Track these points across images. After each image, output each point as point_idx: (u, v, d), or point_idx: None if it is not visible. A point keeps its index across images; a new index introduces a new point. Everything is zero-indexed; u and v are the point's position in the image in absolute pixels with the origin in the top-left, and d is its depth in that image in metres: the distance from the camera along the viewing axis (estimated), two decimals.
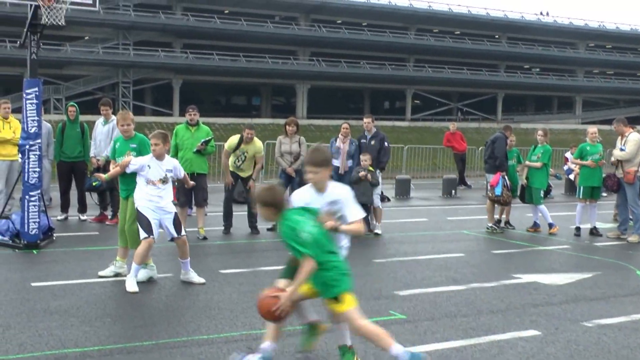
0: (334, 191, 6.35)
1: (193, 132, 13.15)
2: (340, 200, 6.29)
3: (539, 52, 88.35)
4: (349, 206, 6.28)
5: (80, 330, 7.03)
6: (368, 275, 10.14)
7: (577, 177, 17.15)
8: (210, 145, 13.16)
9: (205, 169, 13.29)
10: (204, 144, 12.95)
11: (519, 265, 11.36)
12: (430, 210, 18.91)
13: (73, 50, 66.06)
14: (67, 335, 6.86)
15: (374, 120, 14.90)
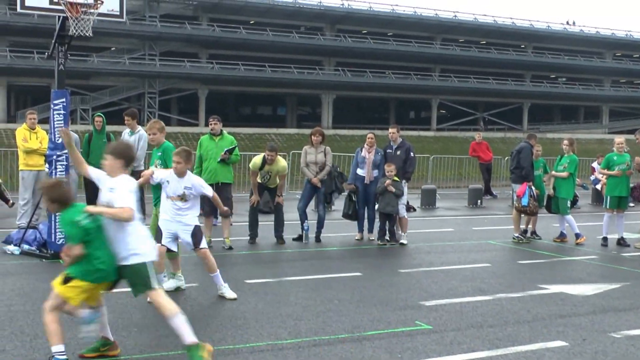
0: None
1: (217, 142, 13.13)
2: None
3: (565, 62, 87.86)
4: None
5: None
6: (394, 286, 10.11)
7: (604, 187, 17.01)
8: (235, 154, 13.12)
9: (230, 179, 13.25)
10: (228, 153, 12.93)
11: (546, 276, 11.28)
12: (456, 220, 18.83)
13: (100, 61, 66.64)
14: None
15: (399, 130, 14.88)
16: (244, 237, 13.98)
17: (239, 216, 16.95)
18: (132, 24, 66.14)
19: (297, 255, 12.77)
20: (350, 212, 14.53)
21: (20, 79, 66.32)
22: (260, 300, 9.00)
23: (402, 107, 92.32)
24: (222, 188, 12.84)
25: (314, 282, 10.18)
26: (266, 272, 10.86)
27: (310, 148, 14.22)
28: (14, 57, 63.49)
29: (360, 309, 8.67)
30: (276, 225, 13.95)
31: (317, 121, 77.27)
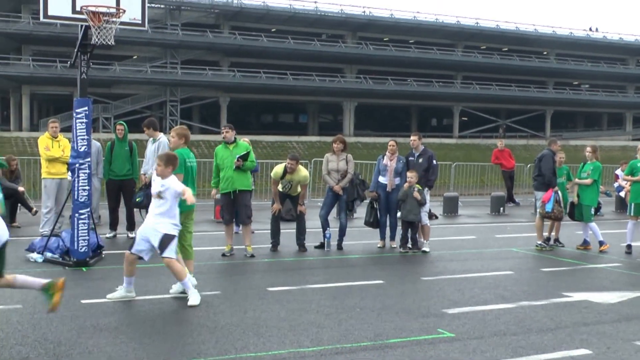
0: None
1: (232, 150, 12.98)
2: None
3: (588, 69, 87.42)
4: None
5: (130, 347, 7.11)
6: (416, 293, 10.09)
7: (627, 194, 16.88)
8: (250, 160, 12.99)
9: (247, 186, 13.12)
10: (241, 160, 12.82)
11: (569, 283, 11.21)
12: (479, 228, 18.76)
13: (121, 70, 67.10)
14: (117, 352, 6.94)
15: (421, 137, 14.87)
16: (265, 245, 14.00)
17: (260, 224, 16.99)
18: (154, 32, 66.56)
19: (319, 262, 12.77)
20: (372, 220, 14.52)
21: (42, 87, 66.93)
22: (283, 308, 9.00)
23: (423, 115, 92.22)
24: (240, 195, 12.86)
25: (336, 289, 10.17)
26: (288, 280, 10.87)
27: (332, 156, 14.22)
28: (36, 66, 64.07)
29: (383, 316, 8.65)
30: (298, 233, 13.98)
31: (339, 129, 77.34)
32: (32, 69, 63.84)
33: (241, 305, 9.08)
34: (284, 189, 13.76)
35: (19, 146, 55.17)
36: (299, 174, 13.69)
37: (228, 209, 13.01)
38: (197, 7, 72.64)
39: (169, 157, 9.25)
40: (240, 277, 10.73)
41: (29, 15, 63.24)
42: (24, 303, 8.94)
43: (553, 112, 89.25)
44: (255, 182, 17.70)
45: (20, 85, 66.56)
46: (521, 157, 45.57)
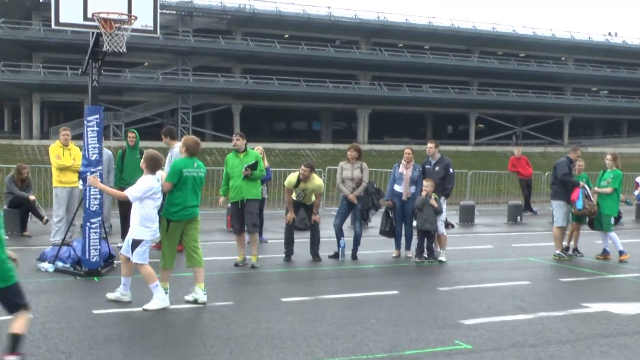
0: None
1: (242, 159, 13.00)
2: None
3: (607, 74, 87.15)
4: None
5: (142, 358, 7.14)
6: (432, 304, 10.08)
7: None
8: (259, 169, 13.00)
9: (256, 195, 13.07)
10: (249, 169, 12.81)
11: (589, 294, 11.17)
12: (495, 237, 18.72)
13: (132, 77, 67.42)
14: None
15: (438, 145, 14.84)
16: (279, 255, 14.02)
17: (273, 233, 17.01)
18: (166, 39, 66.85)
19: (333, 273, 12.78)
20: (387, 229, 14.51)
21: (53, 95, 67.32)
22: (296, 318, 9.01)
23: (439, 122, 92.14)
24: (248, 204, 12.86)
25: (350, 300, 10.17)
26: (302, 290, 10.88)
27: (346, 164, 14.24)
28: (47, 74, 64.44)
29: (398, 327, 8.65)
30: (312, 243, 13.99)
31: (353, 136, 77.38)
32: (43, 76, 64.22)
33: (254, 316, 9.10)
34: (298, 197, 13.78)
35: (30, 154, 55.48)
36: (313, 183, 13.71)
37: (237, 218, 13.02)
38: (209, 12, 72.93)
39: (145, 157, 9.60)
40: (253, 288, 10.74)
41: (40, 22, 63.63)
42: (35, 313, 8.98)
43: (571, 118, 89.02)
44: (268, 191, 17.73)
45: (30, 93, 66.99)
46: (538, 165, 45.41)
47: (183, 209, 9.75)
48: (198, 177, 10.03)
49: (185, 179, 9.82)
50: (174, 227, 9.81)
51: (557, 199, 14.99)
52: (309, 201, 13.88)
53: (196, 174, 10.00)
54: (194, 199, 9.94)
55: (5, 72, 63.12)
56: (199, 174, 10.06)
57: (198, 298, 9.70)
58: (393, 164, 15.05)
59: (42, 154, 52.21)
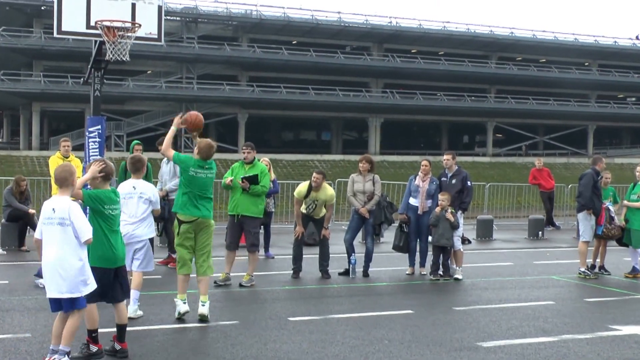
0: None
1: (247, 171, 12.85)
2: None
3: (634, 80, 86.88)
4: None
5: None
6: (448, 325, 10.02)
7: None
8: (262, 184, 12.70)
9: (254, 212, 12.74)
10: (246, 181, 12.53)
11: (617, 315, 11.08)
12: (515, 254, 18.65)
13: (135, 85, 67.64)
14: None
15: (455, 157, 14.79)
16: (286, 272, 13.99)
17: (280, 249, 17.00)
18: (169, 46, 67.07)
19: (343, 290, 12.73)
20: (401, 244, 14.46)
21: (53, 104, 67.61)
22: (305, 339, 8.97)
23: (455, 131, 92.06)
24: (247, 222, 12.64)
25: (361, 320, 10.12)
26: (311, 309, 10.84)
27: (357, 176, 14.21)
28: (47, 83, 64.74)
29: (412, 349, 8.60)
30: (321, 259, 13.94)
31: (364, 147, 77.37)
32: (43, 85, 64.50)
33: (261, 336, 9.06)
34: (308, 210, 13.73)
35: (29, 166, 55.68)
36: (325, 192, 13.68)
37: (232, 232, 12.79)
38: (214, 19, 73.19)
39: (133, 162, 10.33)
40: (259, 306, 10.70)
41: (41, 30, 63.95)
42: (32, 332, 8.98)
43: (596, 127, 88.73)
44: (276, 204, 17.71)
45: (30, 102, 67.28)
46: (561, 177, 45.32)
47: (185, 206, 9.94)
48: (208, 179, 10.09)
49: (191, 178, 9.95)
50: (184, 229, 9.94)
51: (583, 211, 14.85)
52: (319, 214, 13.83)
53: (205, 176, 10.04)
54: (203, 200, 10.00)
55: (5, 81, 63.43)
56: (209, 176, 10.11)
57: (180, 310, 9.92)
58: (406, 175, 15.03)
59: (42, 165, 52.42)
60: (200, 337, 8.98)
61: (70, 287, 7.26)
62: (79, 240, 7.27)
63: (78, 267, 7.29)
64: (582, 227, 14.90)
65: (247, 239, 12.78)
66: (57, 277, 7.24)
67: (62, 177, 7.48)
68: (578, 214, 15.28)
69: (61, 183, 7.48)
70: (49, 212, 7.33)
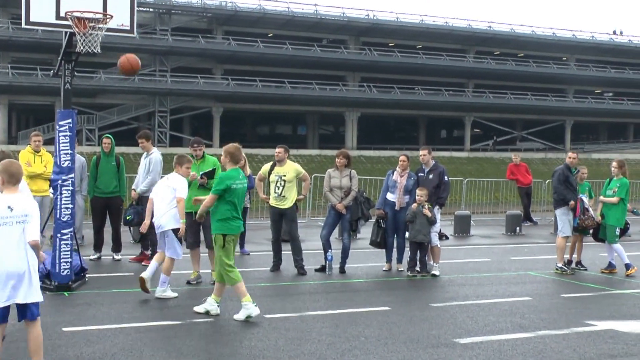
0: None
1: (198, 165, 12.84)
2: None
3: (612, 75, 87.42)
4: None
5: None
6: (425, 321, 10.07)
7: None
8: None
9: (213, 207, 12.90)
10: (204, 177, 12.53)
11: (593, 311, 11.19)
12: (493, 250, 18.75)
13: (107, 78, 67.14)
14: None
15: (431, 152, 14.84)
16: (262, 268, 14.01)
17: (255, 245, 17.01)
18: (142, 38, 66.69)
19: (320, 287, 12.75)
20: (378, 240, 14.49)
21: (22, 97, 66.98)
22: (281, 336, 8.99)
23: (432, 126, 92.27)
24: (205, 218, 12.64)
25: (338, 317, 10.16)
26: (287, 306, 10.87)
27: (334, 171, 14.23)
28: (15, 75, 64.16)
29: (389, 346, 8.64)
30: (294, 255, 13.94)
31: (341, 141, 77.40)
32: (11, 77, 63.88)
33: (236, 334, 9.08)
34: (277, 189, 13.74)
35: None
36: (290, 167, 13.85)
37: (191, 230, 12.56)
38: (188, 10, 72.88)
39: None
40: (234, 304, 10.69)
41: (8, 20, 63.32)
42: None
43: (573, 122, 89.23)
44: (251, 200, 17.70)
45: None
46: (539, 172, 45.58)
47: (236, 220, 10.08)
48: (242, 189, 10.25)
49: (233, 191, 10.00)
50: (230, 241, 10.05)
51: (559, 206, 15.00)
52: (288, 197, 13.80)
53: (242, 186, 10.19)
54: (237, 211, 10.17)
55: None
56: (243, 186, 10.25)
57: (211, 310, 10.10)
58: (383, 170, 15.08)
59: None
60: (174, 335, 8.97)
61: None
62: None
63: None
64: (561, 223, 15.02)
65: (209, 235, 12.56)
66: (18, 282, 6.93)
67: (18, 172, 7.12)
68: (556, 210, 15.43)
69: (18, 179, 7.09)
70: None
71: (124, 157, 15.49)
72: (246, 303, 9.81)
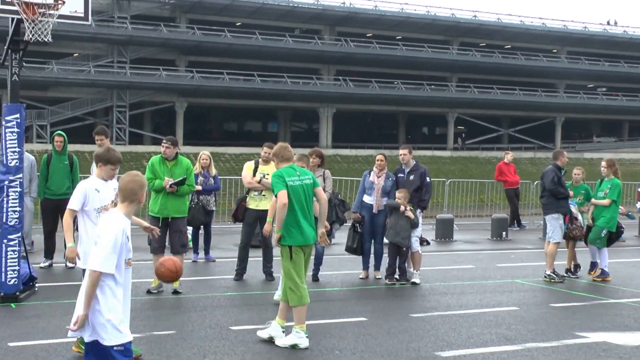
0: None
1: (170, 168, 12.71)
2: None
3: (605, 69, 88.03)
4: None
5: None
6: (404, 333, 10.08)
7: None
8: (188, 183, 12.68)
9: (183, 212, 12.84)
10: (174, 186, 12.46)
11: (584, 321, 11.25)
12: (477, 256, 18.81)
13: (60, 69, 66.80)
14: None
15: (412, 151, 14.85)
16: (228, 276, 13.96)
17: (222, 251, 16.96)
18: (98, 26, 66.40)
19: None
20: (354, 246, 14.48)
21: None
22: (248, 350, 8.98)
23: (413, 123, 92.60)
24: (175, 223, 12.60)
25: (311, 328, 10.13)
26: (254, 317, 10.83)
27: None
28: None
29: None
30: (265, 261, 13.96)
31: (315, 139, 77.41)
32: None
33: (199, 347, 9.04)
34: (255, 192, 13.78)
35: None
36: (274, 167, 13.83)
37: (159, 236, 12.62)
38: None
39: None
40: (198, 314, 10.66)
41: None
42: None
43: (564, 119, 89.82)
44: (217, 202, 17.66)
45: None
46: (527, 173, 45.82)
47: (300, 228, 9.50)
48: (306, 186, 9.71)
49: (290, 189, 9.48)
50: (297, 252, 9.52)
51: (550, 211, 15.05)
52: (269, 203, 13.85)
53: (302, 182, 9.67)
54: (309, 216, 9.70)
55: None
56: (306, 182, 9.74)
57: (276, 336, 9.55)
58: (360, 171, 15.09)
59: None
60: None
61: None
62: None
63: None
64: (551, 228, 15.07)
65: (178, 239, 12.59)
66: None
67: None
68: (545, 216, 15.48)
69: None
70: None
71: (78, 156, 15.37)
72: (299, 331, 9.35)
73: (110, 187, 8.71)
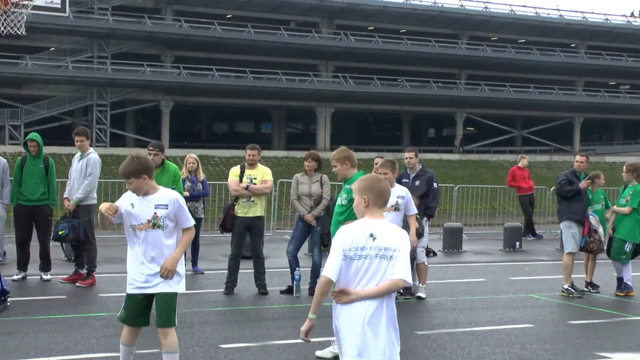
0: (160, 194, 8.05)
1: (157, 174, 12.31)
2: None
3: (628, 64, 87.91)
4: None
5: None
6: (408, 352, 10.07)
7: None
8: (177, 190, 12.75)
9: None
10: None
11: (606, 341, 11.24)
12: (489, 268, 18.81)
13: (34, 65, 66.75)
14: None
15: (418, 154, 14.85)
16: (218, 289, 13.95)
17: (211, 262, 16.96)
18: (77, 18, 66.40)
19: (285, 312, 12.73)
20: None
21: None
22: None
23: (418, 123, 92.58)
24: None
25: (306, 346, 10.12)
26: (246, 334, 10.83)
27: (302, 177, 14.22)
28: None
29: None
30: (256, 273, 13.95)
31: (311, 141, 77.44)
32: None
33: None
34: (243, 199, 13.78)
35: None
36: (261, 169, 13.89)
37: None
38: None
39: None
40: (185, 331, 10.66)
41: None
42: None
43: (583, 120, 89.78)
44: (206, 209, 17.66)
45: None
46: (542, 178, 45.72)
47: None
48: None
49: None
50: None
51: (562, 218, 15.02)
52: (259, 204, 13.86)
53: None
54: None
55: None
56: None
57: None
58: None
59: None
60: None
61: None
62: None
63: None
64: (564, 237, 15.08)
65: None
66: None
67: None
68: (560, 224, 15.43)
69: None
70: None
71: (55, 159, 15.33)
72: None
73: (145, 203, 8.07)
